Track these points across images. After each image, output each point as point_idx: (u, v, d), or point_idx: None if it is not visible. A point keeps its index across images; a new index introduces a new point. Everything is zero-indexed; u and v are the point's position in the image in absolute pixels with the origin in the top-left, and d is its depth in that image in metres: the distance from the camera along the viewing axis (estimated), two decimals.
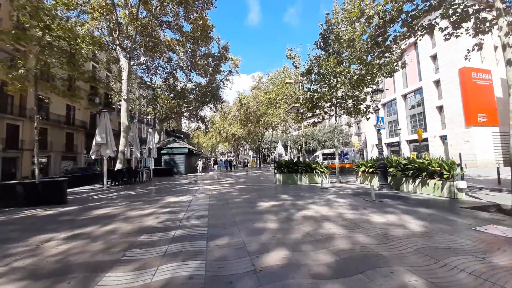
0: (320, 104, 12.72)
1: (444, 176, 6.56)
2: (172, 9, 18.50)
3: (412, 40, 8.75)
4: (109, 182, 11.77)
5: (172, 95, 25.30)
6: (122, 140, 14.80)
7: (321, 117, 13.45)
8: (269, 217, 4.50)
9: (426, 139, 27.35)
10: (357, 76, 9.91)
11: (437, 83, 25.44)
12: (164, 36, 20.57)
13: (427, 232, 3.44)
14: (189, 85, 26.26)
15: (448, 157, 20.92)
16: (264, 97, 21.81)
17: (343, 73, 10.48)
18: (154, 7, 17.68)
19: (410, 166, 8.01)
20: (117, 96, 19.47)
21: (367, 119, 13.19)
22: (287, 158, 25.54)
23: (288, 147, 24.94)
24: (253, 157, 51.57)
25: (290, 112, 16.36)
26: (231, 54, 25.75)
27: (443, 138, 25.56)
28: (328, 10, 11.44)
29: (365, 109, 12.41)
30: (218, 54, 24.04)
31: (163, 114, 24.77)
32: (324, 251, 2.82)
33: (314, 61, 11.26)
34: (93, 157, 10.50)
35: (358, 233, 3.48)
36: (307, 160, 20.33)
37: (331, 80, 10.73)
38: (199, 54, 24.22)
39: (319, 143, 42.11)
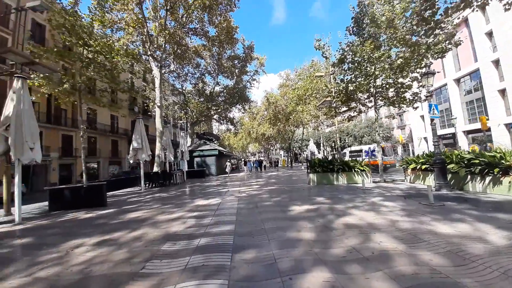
0: (355, 96, 11.55)
1: None
2: (197, 15, 18.95)
3: (467, 12, 7.27)
4: (147, 184, 12.38)
5: (201, 99, 26.12)
6: (157, 145, 15.59)
7: (357, 110, 12.20)
8: (303, 225, 3.93)
9: (488, 129, 23.30)
10: (401, 60, 8.59)
11: (496, 63, 21.48)
12: (191, 42, 21.25)
13: None
14: (217, 88, 26.79)
15: None
16: (292, 94, 20.96)
17: (382, 58, 9.26)
18: (180, 16, 18.31)
19: (477, 161, 6.59)
20: (152, 104, 20.69)
21: (415, 109, 11.52)
22: (320, 156, 24.22)
23: (321, 145, 23.53)
24: (284, 156, 50.60)
25: (321, 107, 15.30)
26: (257, 54, 25.51)
27: (509, 126, 21.46)
28: None
29: (411, 98, 10.86)
30: (244, 55, 23.98)
31: (194, 118, 25.65)
32: (379, 275, 2.17)
33: (347, 49, 10.20)
34: (131, 161, 11.12)
35: (421, 249, 2.71)
36: (342, 158, 18.88)
37: (368, 68, 9.57)
38: (225, 57, 24.51)
39: (356, 139, 39.28)
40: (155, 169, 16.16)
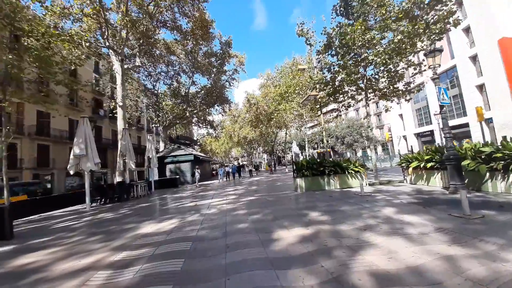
0: (342, 89, 10.23)
1: None
2: (166, 4, 16.88)
3: None
4: (98, 201, 9.98)
5: (177, 101, 23.79)
6: (120, 151, 13.16)
7: (345, 105, 10.88)
8: (299, 278, 2.16)
9: (465, 124, 23.59)
10: (400, 36, 7.29)
11: (473, 58, 21.81)
12: (159, 34, 19.01)
13: None
14: (193, 88, 24.67)
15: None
16: (274, 92, 19.49)
17: (374, 41, 7.97)
18: (146, 4, 16.13)
19: (499, 155, 5.33)
20: (113, 103, 18.09)
21: (407, 101, 10.46)
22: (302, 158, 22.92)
23: (306, 146, 22.12)
24: (267, 159, 49.10)
25: (306, 104, 13.90)
26: (236, 51, 23.89)
27: (488, 121, 21.75)
28: None
29: (403, 89, 9.75)
30: (221, 51, 22.19)
31: (168, 121, 23.24)
32: None
33: (333, 33, 8.82)
34: (71, 172, 8.74)
35: None
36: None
37: (359, 52, 8.25)
38: (201, 54, 22.55)
39: (337, 140, 38.87)
40: (118, 179, 13.69)
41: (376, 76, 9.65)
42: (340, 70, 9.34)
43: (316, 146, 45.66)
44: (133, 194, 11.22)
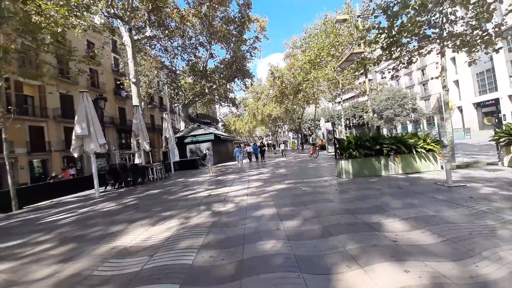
0: (401, 38, 7.45)
1: None
2: None
3: None
4: (111, 184, 9.16)
5: (196, 77, 22.18)
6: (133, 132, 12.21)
7: (402, 63, 8.10)
8: None
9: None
10: None
11: None
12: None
13: None
14: (211, 63, 22.74)
15: None
16: (302, 60, 16.62)
17: None
18: None
19: None
20: (127, 81, 17.10)
21: (497, 51, 7.32)
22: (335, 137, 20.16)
23: (341, 120, 18.76)
24: (293, 138, 46.56)
25: (344, 68, 11.16)
26: (256, 15, 20.91)
27: None
28: None
29: (493, 33, 6.68)
30: (240, 15, 19.47)
31: (187, 99, 21.96)
32: None
33: None
34: (75, 154, 7.78)
35: None
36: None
37: None
38: (218, 21, 20.10)
39: (374, 114, 34.58)
40: (137, 161, 12.99)
41: (457, 13, 6.70)
42: (402, 10, 6.58)
43: (348, 123, 41.68)
44: (150, 177, 10.25)
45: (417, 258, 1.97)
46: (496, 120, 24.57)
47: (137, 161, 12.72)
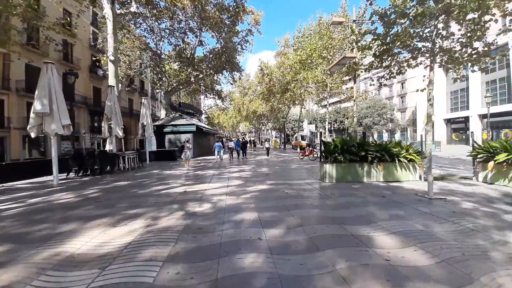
0: (393, 48, 7.45)
1: None
2: None
3: None
4: (74, 171, 8.22)
5: (181, 64, 21.03)
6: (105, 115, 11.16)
7: (392, 72, 8.15)
8: None
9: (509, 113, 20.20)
10: None
11: None
12: None
13: None
14: (200, 51, 21.73)
15: None
16: (293, 59, 16.40)
17: None
18: None
19: None
20: (104, 58, 15.72)
21: (483, 70, 7.59)
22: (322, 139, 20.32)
23: (326, 125, 18.88)
24: (275, 137, 46.67)
25: (334, 71, 11.12)
26: (251, 6, 20.31)
27: None
28: None
29: (481, 51, 6.90)
30: (234, 4, 18.73)
31: (169, 86, 20.80)
32: None
33: None
34: (32, 135, 6.80)
35: None
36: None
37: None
38: (211, 7, 19.16)
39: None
40: (107, 147, 11.92)
41: (449, 29, 6.80)
42: (399, 19, 6.52)
43: (329, 127, 42.69)
44: (121, 165, 9.42)
45: (415, 283, 1.75)
46: (464, 137, 26.57)
47: (108, 147, 11.68)
